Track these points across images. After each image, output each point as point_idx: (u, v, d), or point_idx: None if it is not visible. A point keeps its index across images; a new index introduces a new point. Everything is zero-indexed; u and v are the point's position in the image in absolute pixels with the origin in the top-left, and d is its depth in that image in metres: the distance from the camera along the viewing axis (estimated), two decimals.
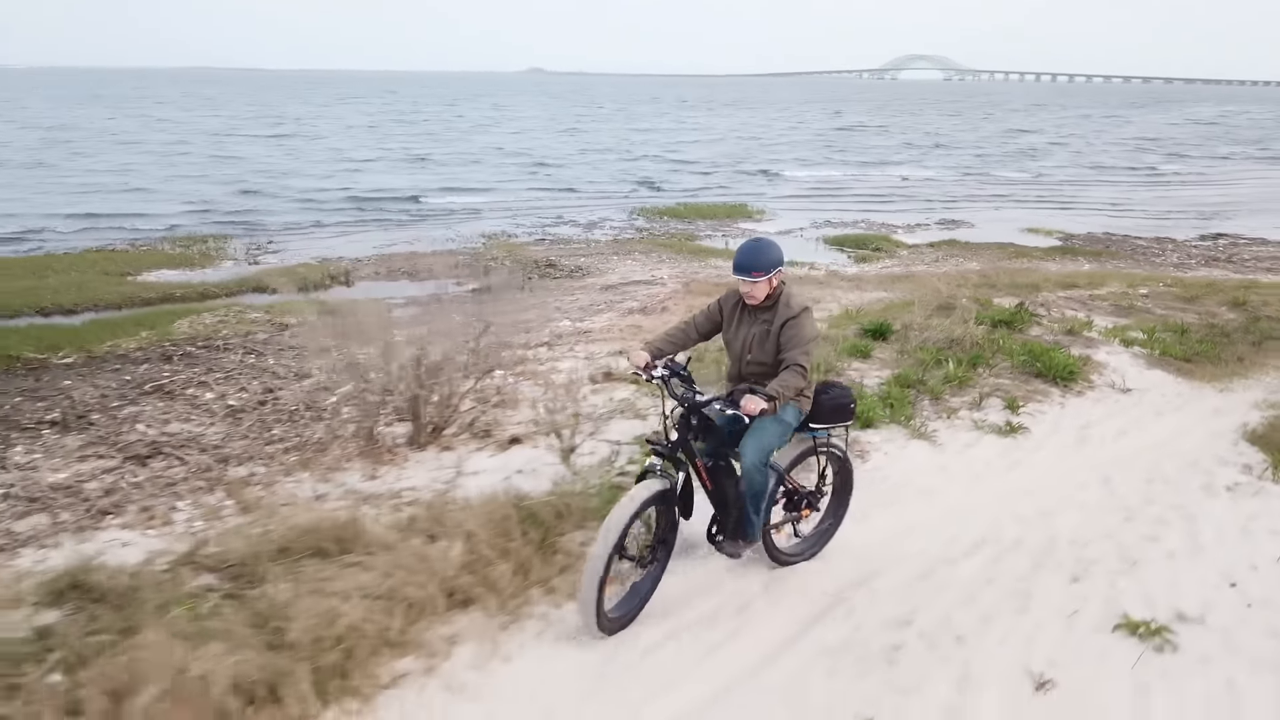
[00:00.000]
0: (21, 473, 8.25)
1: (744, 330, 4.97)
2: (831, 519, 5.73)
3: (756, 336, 4.91)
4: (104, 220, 24.03)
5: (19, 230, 22.18)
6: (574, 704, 4.39)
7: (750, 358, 4.95)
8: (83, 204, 26.50)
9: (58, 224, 23.08)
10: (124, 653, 4.34)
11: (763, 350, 4.89)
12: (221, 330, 13.10)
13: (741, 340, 4.98)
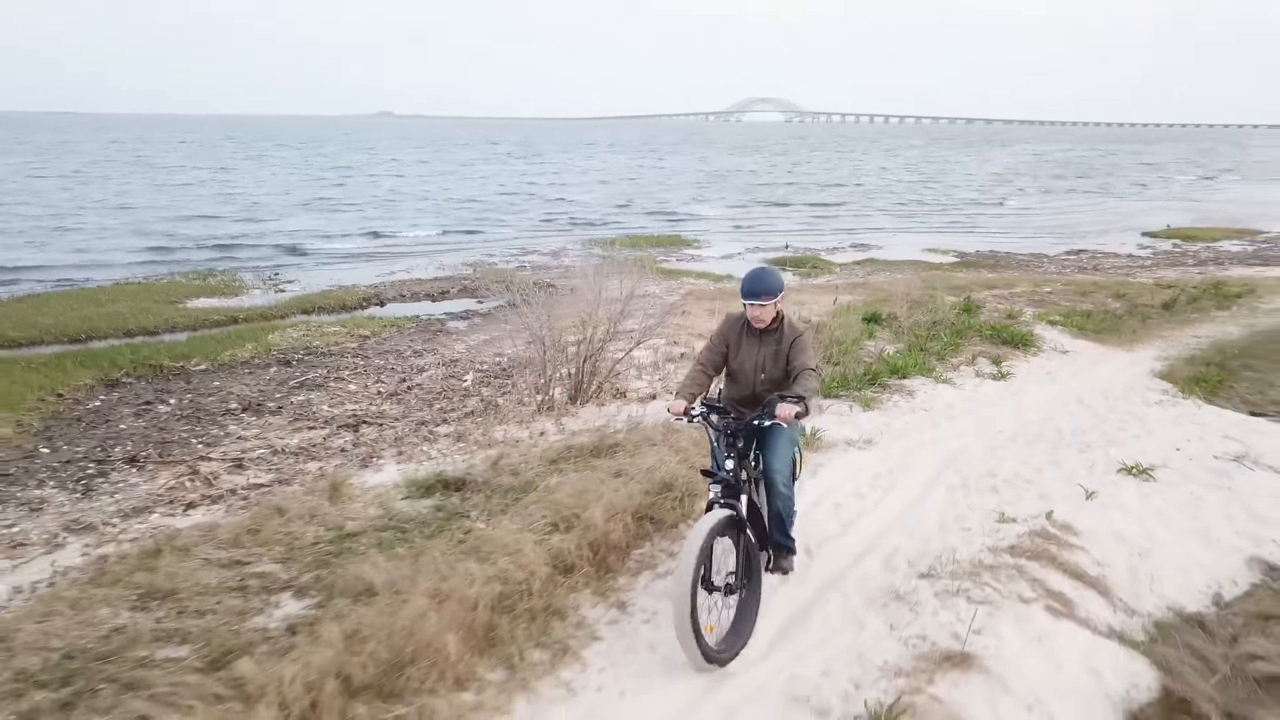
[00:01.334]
0: (259, 441, 10.31)
1: (754, 353, 5.27)
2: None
3: (768, 357, 5.23)
4: (62, 264, 24.47)
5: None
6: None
7: (764, 377, 5.27)
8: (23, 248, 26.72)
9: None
10: (522, 504, 6.70)
11: (775, 368, 5.23)
12: (313, 342, 15.09)
13: (754, 362, 5.28)
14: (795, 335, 5.22)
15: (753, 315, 5.20)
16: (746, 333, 5.31)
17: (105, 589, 6.02)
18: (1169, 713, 5.09)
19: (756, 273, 5.25)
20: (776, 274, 5.29)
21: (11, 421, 10.79)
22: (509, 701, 4.70)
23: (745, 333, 5.32)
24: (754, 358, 5.27)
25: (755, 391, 5.27)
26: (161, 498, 8.56)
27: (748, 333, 5.31)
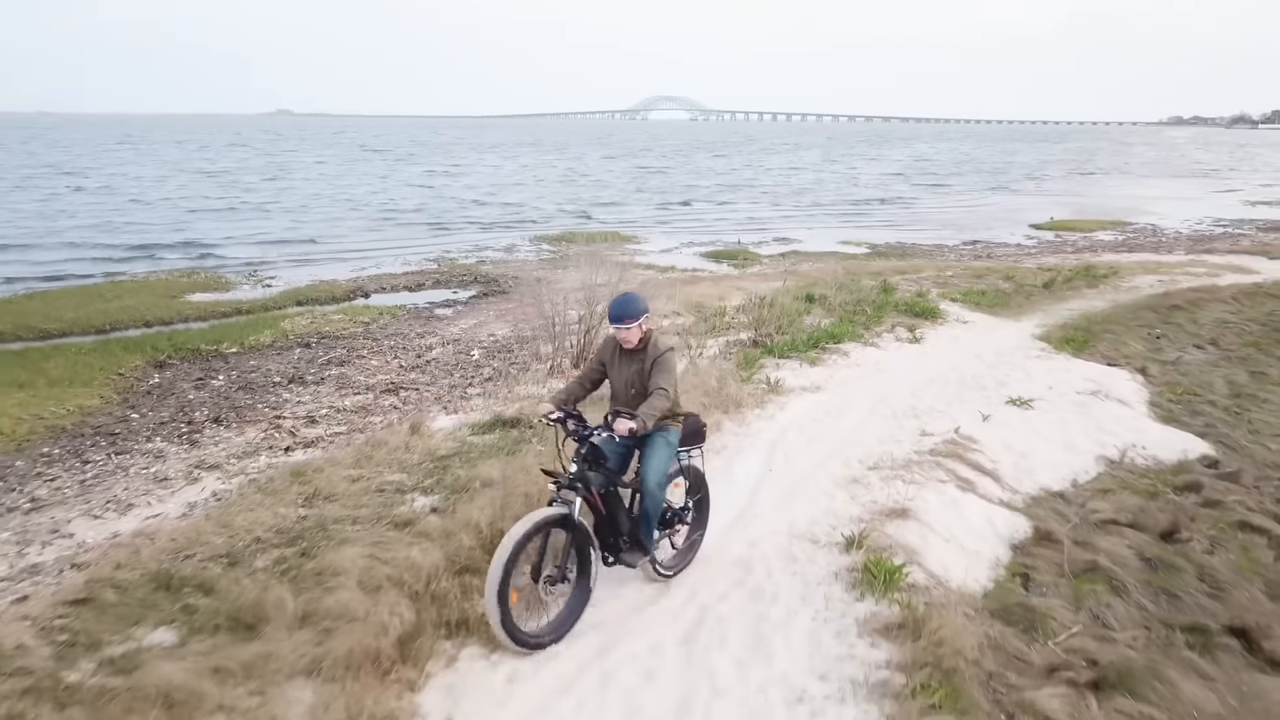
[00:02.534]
0: (318, 403, 12.22)
1: (624, 371, 5.70)
2: (698, 531, 6.43)
3: (635, 374, 5.64)
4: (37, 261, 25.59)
5: None
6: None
7: (633, 393, 5.64)
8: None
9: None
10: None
11: (641, 384, 5.61)
12: (322, 328, 16.88)
13: (623, 379, 5.70)
14: (657, 355, 5.59)
15: (620, 337, 5.61)
16: (619, 352, 5.72)
17: (275, 496, 8.01)
18: (1038, 542, 7.55)
19: (621, 299, 5.66)
20: (639, 299, 5.67)
21: (94, 395, 12.47)
22: None
23: (618, 352, 5.72)
24: (624, 375, 5.68)
25: (627, 405, 5.61)
26: (260, 445, 10.48)
27: (620, 352, 5.71)
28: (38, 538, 8.11)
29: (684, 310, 16.26)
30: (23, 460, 10.11)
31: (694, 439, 6.03)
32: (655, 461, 5.61)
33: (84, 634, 5.50)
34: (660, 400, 5.42)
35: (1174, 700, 5.46)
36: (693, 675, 5.27)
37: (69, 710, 4.65)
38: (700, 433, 6.10)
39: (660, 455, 5.63)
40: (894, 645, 5.55)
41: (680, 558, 6.25)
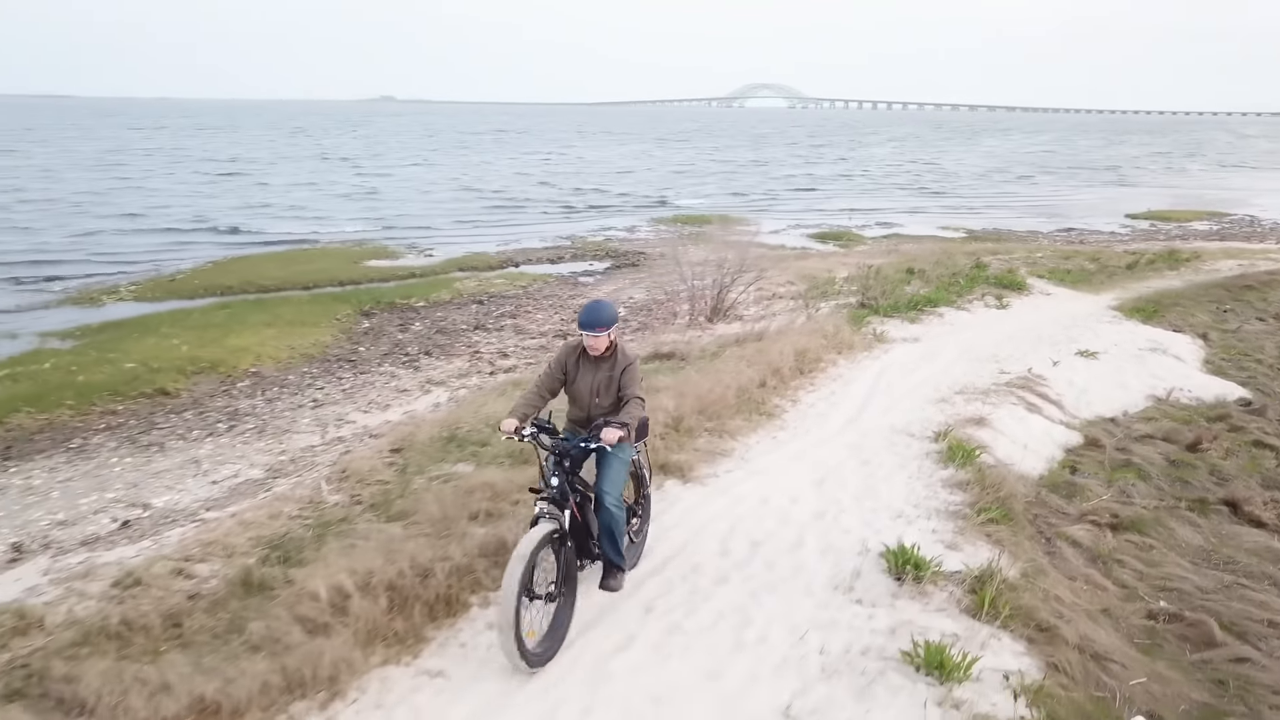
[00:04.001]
0: (503, 344, 14.87)
1: (589, 378, 5.50)
2: (645, 523, 6.42)
3: (602, 382, 5.46)
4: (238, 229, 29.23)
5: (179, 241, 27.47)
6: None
7: (598, 400, 5.50)
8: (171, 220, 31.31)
9: (205, 235, 28.38)
10: (720, 359, 11.17)
11: (608, 393, 5.48)
12: (488, 290, 19.63)
13: (588, 387, 5.51)
14: (627, 363, 5.46)
15: (589, 344, 5.41)
16: (584, 359, 5.52)
17: (501, 397, 10.57)
18: (1087, 447, 9.64)
19: (592, 305, 5.48)
20: (610, 307, 5.54)
21: (325, 333, 15.39)
22: (749, 429, 9.25)
23: (582, 359, 5.53)
24: (589, 383, 5.49)
25: (590, 414, 5.50)
26: (468, 370, 13.17)
27: (585, 359, 5.52)
28: (330, 423, 10.92)
29: (797, 280, 18.47)
30: (294, 376, 13.03)
31: (640, 433, 5.83)
32: (612, 477, 5.45)
33: (411, 465, 8.12)
34: (637, 408, 5.37)
35: (1169, 537, 7.59)
36: (823, 503, 7.60)
37: (424, 495, 7.21)
38: (644, 426, 5.90)
39: (618, 471, 5.49)
40: (965, 493, 7.78)
41: (635, 549, 6.19)
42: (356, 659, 5.11)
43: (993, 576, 6.12)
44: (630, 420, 5.31)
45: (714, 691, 5.06)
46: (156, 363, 13.13)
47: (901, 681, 5.13)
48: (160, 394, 12.05)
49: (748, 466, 8.34)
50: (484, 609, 5.78)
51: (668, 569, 6.41)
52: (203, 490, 8.91)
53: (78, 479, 9.34)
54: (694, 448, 8.48)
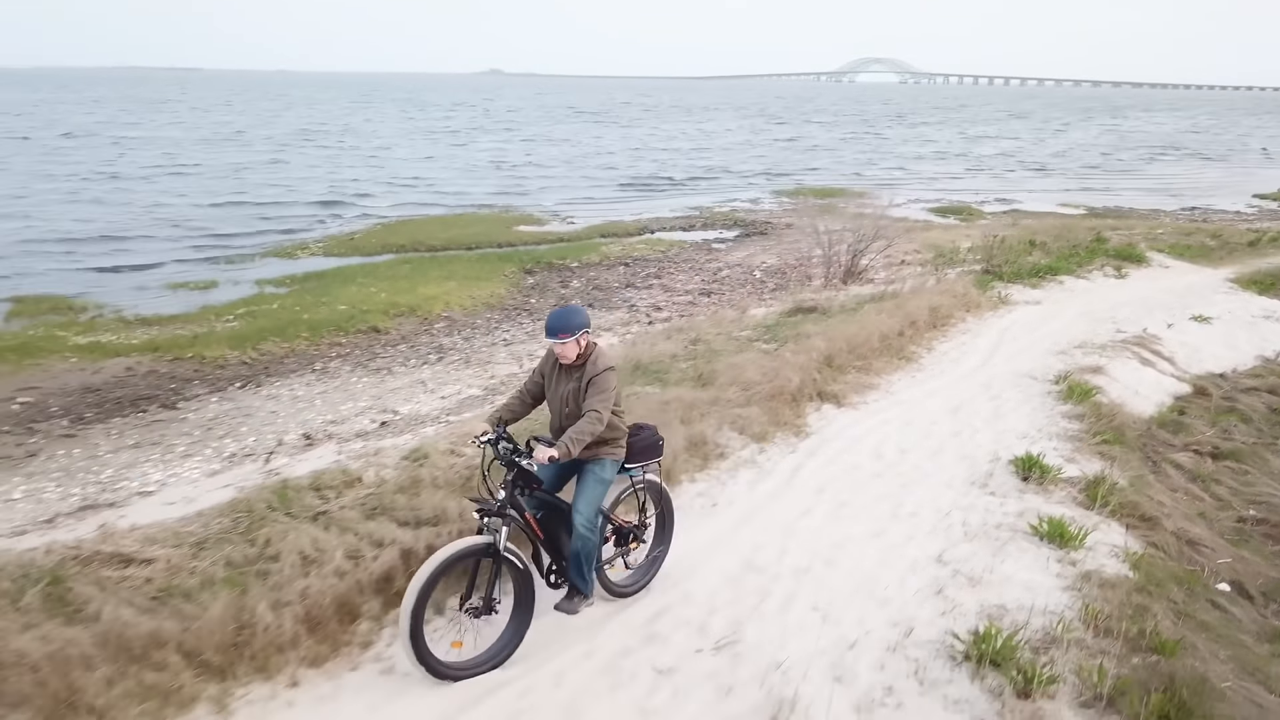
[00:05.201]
0: (654, 299, 16.48)
1: (560, 388, 5.14)
2: (660, 547, 5.89)
3: (570, 392, 5.08)
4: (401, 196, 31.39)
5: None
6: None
7: (567, 411, 5.10)
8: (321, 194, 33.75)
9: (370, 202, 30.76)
10: (858, 314, 12.51)
11: (576, 404, 5.05)
12: (631, 253, 21.28)
13: (559, 396, 5.14)
14: (594, 373, 5.03)
15: (557, 352, 5.07)
16: (559, 367, 5.18)
17: (668, 339, 12.17)
18: (1195, 396, 10.69)
19: (559, 311, 5.10)
20: (579, 312, 5.11)
21: (497, 287, 17.27)
22: (890, 369, 10.63)
23: (557, 367, 5.19)
24: (559, 392, 5.15)
25: (561, 425, 5.14)
26: (628, 320, 14.84)
27: (559, 367, 5.18)
28: (523, 357, 12.75)
29: (922, 248, 19.56)
30: (480, 320, 14.94)
31: (647, 453, 5.47)
32: (586, 498, 5.12)
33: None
34: (589, 425, 4.89)
35: (1264, 465, 8.71)
36: (958, 425, 8.96)
37: (632, 403, 8.84)
38: (656, 447, 5.55)
39: (591, 492, 5.14)
40: (1082, 423, 9.04)
41: (639, 575, 5.77)
42: None
43: (1104, 480, 7.43)
44: (573, 439, 4.81)
45: (879, 543, 6.57)
46: (364, 306, 15.21)
47: (1028, 545, 6.53)
48: (373, 331, 14.09)
49: (891, 398, 9.77)
50: (693, 482, 7.43)
51: (832, 465, 7.94)
52: (435, 402, 10.81)
53: (331, 392, 11.37)
54: (844, 381, 9.93)
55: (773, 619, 5.58)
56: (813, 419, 8.95)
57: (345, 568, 5.62)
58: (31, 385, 11.43)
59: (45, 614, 5.19)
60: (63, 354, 12.63)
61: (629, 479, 5.48)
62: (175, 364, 12.39)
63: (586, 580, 5.30)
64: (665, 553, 5.90)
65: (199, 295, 16.75)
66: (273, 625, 5.12)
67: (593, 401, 4.97)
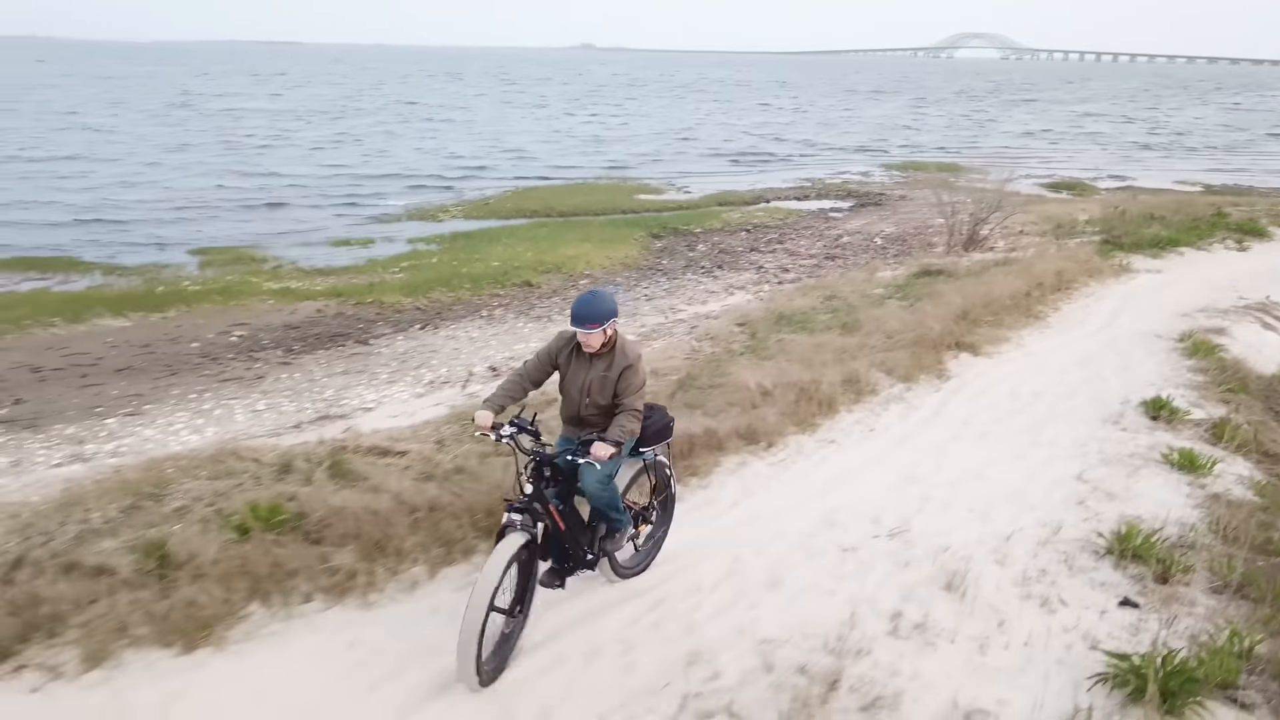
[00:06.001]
0: (779, 263, 17.32)
1: (582, 375, 4.89)
2: (662, 528, 5.79)
3: (595, 382, 4.85)
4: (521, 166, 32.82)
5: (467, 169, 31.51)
6: None
7: (589, 400, 4.90)
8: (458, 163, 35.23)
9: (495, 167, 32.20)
10: (983, 277, 13.13)
11: (602, 394, 4.87)
12: (751, 220, 22.12)
13: (580, 385, 4.90)
14: (625, 364, 4.83)
15: (581, 340, 4.82)
16: (577, 354, 4.92)
17: (804, 296, 13.05)
18: None
19: (586, 298, 4.83)
20: (608, 299, 4.86)
21: (629, 250, 18.34)
22: (1020, 325, 11.31)
23: (576, 354, 4.93)
24: (580, 381, 4.90)
25: (580, 414, 4.96)
26: (758, 280, 15.74)
27: (578, 354, 4.92)
28: (665, 310, 13.80)
29: (1038, 220, 19.90)
30: (619, 278, 16.04)
31: (659, 436, 5.30)
32: (597, 488, 4.93)
33: (757, 332, 10.72)
34: (630, 421, 4.77)
35: None
36: (1087, 374, 9.64)
37: (788, 344, 9.78)
38: (667, 429, 5.38)
39: (600, 483, 4.94)
40: (1206, 375, 9.63)
41: (642, 557, 5.66)
42: (782, 425, 7.79)
43: (1230, 421, 8.10)
44: (623, 435, 4.72)
45: (1023, 464, 7.41)
46: (514, 263, 16.46)
47: (1160, 471, 7.28)
48: (526, 285, 15.32)
49: (1023, 350, 10.50)
50: (850, 412, 8.37)
51: (974, 403, 8.77)
52: None
53: (501, 334, 12.62)
54: (978, 334, 10.68)
55: (935, 516, 6.50)
56: (952, 365, 9.76)
57: None
58: (241, 322, 12.97)
59: (339, 485, 6.45)
60: (260, 297, 14.19)
61: (640, 461, 5.34)
62: (358, 308, 13.81)
63: (622, 522, 5.16)
64: (666, 534, 5.83)
65: (361, 251, 18.28)
66: None
67: (630, 398, 4.82)
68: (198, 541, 5.55)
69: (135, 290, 14.44)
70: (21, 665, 4.77)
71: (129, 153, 32.99)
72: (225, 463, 7.21)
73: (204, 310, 13.48)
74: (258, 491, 6.25)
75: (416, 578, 5.61)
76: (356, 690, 4.64)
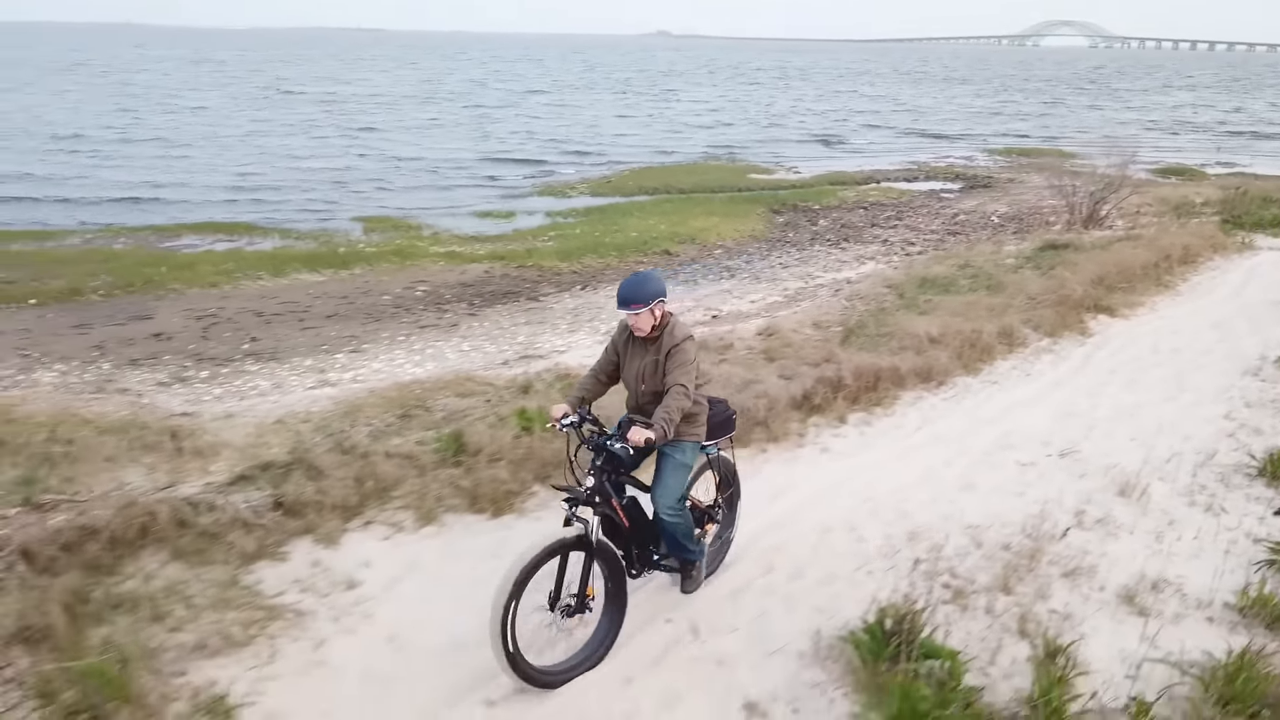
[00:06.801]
0: (902, 236, 18.04)
1: (636, 362, 4.73)
2: (729, 529, 5.55)
3: (647, 367, 4.68)
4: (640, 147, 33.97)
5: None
6: None
7: (644, 388, 4.72)
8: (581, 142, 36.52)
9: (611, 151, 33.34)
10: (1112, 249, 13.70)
11: (654, 379, 4.66)
12: (866, 199, 22.83)
13: (634, 372, 4.74)
14: (672, 345, 4.61)
15: (630, 324, 4.68)
16: (632, 340, 4.78)
17: (938, 263, 13.82)
18: None
19: (631, 279, 4.67)
20: (654, 279, 4.67)
21: (754, 225, 19.24)
22: (1152, 293, 11.94)
23: (631, 340, 4.78)
24: (636, 367, 4.74)
25: (638, 402, 4.81)
26: (886, 252, 16.52)
27: (633, 340, 4.77)
28: (802, 276, 14.70)
29: (1154, 202, 20.19)
30: (751, 249, 17.00)
31: (722, 429, 5.11)
32: (667, 487, 4.74)
33: (905, 294, 11.57)
34: (677, 400, 4.50)
35: None
36: (1222, 335, 10.25)
37: (940, 302, 10.62)
38: (730, 421, 5.18)
39: (672, 479, 4.76)
40: None
41: (710, 559, 5.37)
42: (951, 367, 8.70)
43: None
44: (666, 418, 4.41)
45: (1172, 405, 8.19)
46: (650, 234, 17.53)
47: None
48: (665, 253, 16.37)
49: (1156, 314, 11.16)
50: (1005, 360, 9.23)
51: (1117, 356, 9.54)
52: (745, 305, 12.95)
53: None
54: (1114, 299, 11.37)
55: (1099, 442, 7.36)
56: (1093, 324, 10.50)
57: (778, 384, 7.79)
58: (421, 280, 14.32)
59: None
60: (430, 259, 15.54)
61: (704, 457, 5.10)
62: (520, 270, 15.05)
63: (694, 549, 4.94)
64: (732, 537, 5.55)
65: (504, 222, 19.58)
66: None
67: (676, 375, 4.52)
68: (487, 435, 6.74)
69: (319, 251, 15.92)
70: (369, 521, 5.97)
71: (252, 133, 35.01)
72: (465, 386, 8.46)
73: (384, 269, 14.87)
74: (510, 405, 7.41)
75: None
76: None
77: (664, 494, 4.71)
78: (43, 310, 12.31)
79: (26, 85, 55.33)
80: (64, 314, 12.17)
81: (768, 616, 5.13)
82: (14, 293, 12.86)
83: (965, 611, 5.12)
